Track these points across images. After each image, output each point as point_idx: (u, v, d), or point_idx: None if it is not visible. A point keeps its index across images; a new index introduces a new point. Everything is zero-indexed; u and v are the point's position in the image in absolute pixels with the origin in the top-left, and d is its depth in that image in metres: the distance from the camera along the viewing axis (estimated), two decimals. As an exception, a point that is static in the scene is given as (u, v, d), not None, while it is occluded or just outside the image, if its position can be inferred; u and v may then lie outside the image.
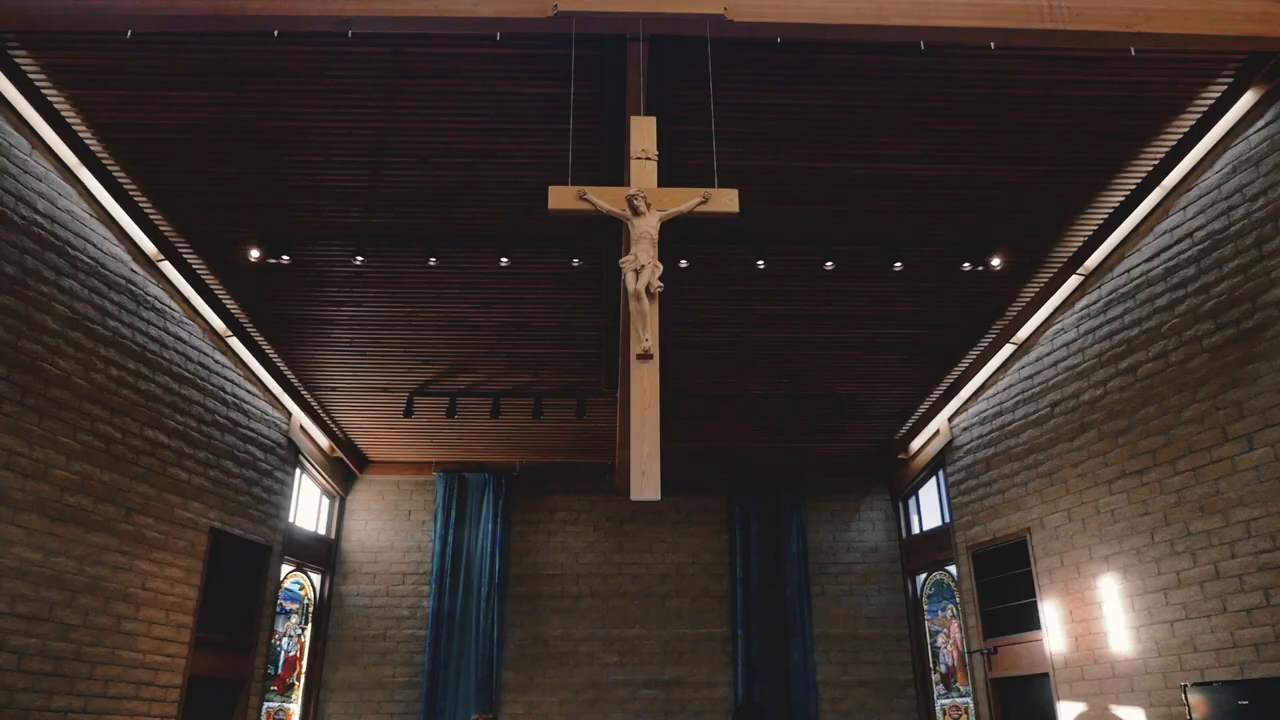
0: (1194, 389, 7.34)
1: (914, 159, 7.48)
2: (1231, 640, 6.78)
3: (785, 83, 6.90)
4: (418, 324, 8.96)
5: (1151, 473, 7.64)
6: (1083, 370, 8.49)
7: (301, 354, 9.35)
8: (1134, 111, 7.14)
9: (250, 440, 9.28)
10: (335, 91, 6.74)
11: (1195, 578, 7.14)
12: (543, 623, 10.49)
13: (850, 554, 11.04)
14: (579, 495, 11.08)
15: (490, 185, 7.57)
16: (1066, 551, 8.41)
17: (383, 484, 11.02)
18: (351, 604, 10.40)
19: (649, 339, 5.13)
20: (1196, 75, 6.94)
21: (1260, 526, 6.68)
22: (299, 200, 7.62)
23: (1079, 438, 8.44)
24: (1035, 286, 8.78)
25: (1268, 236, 6.85)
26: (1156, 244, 7.82)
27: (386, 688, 10.07)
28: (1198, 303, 7.39)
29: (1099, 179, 7.71)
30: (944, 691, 10.14)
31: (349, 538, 10.72)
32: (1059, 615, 8.42)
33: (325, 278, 8.37)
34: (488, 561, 10.46)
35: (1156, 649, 7.38)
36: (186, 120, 6.88)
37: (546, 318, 8.97)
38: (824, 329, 9.21)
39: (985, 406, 9.76)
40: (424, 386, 9.82)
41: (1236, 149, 7.18)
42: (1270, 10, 6.38)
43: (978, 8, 6.25)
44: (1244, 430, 6.88)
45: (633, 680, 10.31)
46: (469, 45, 6.44)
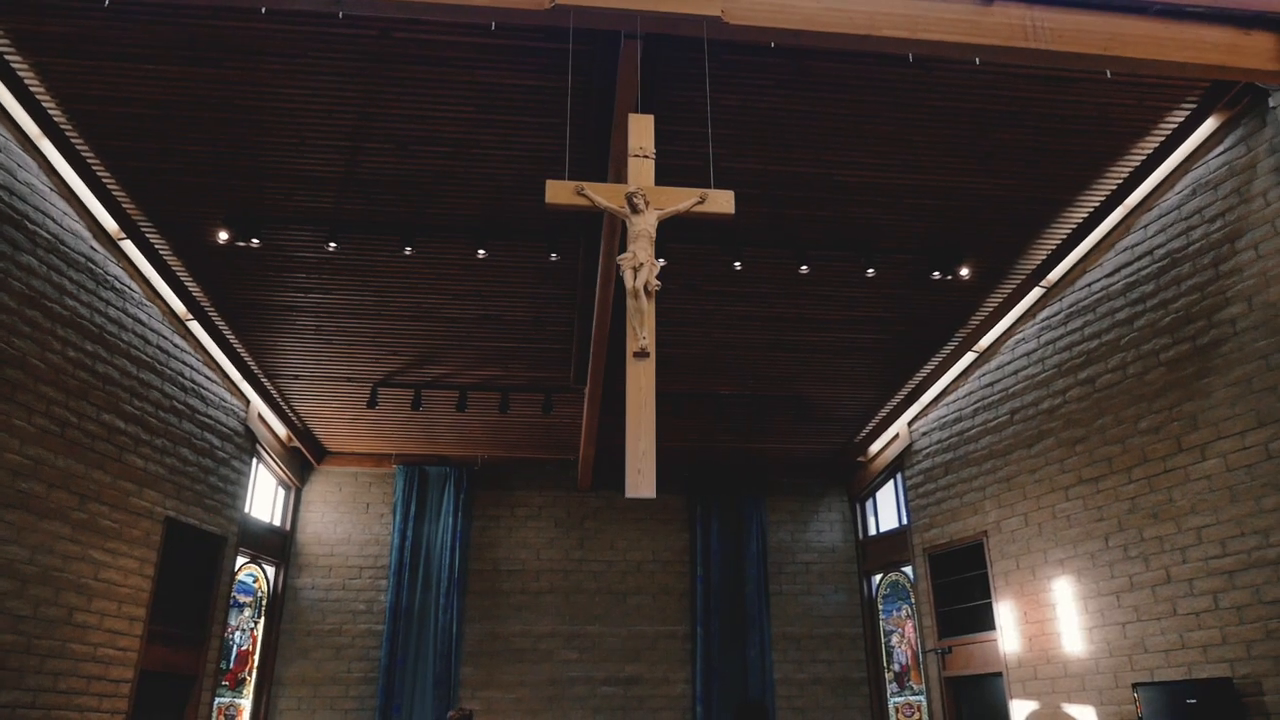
0: (1150, 400, 7.63)
1: (892, 168, 7.63)
2: (1181, 642, 7.07)
3: (771, 87, 6.97)
4: (387, 314, 8.82)
5: (1107, 480, 7.92)
6: (1042, 379, 8.76)
7: (263, 340, 9.12)
8: (1102, 132, 7.39)
9: (208, 428, 9.02)
10: (317, 73, 6.59)
11: (1147, 581, 7.43)
12: (502, 619, 10.41)
13: (808, 554, 11.20)
14: (541, 491, 11.03)
15: (471, 176, 7.49)
16: (1022, 555, 8.68)
17: (340, 475, 10.81)
18: (306, 598, 10.18)
19: (646, 337, 5.14)
20: (1163, 100, 7.21)
21: (1210, 534, 6.98)
22: (272, 183, 7.43)
23: (1037, 445, 8.70)
24: (999, 297, 9.02)
25: (1224, 257, 7.16)
26: (1117, 260, 8.11)
27: (341, 683, 9.88)
28: (1156, 318, 7.68)
29: (1065, 195, 7.96)
30: (897, 690, 10.37)
31: (304, 530, 10.50)
32: (1013, 616, 8.67)
33: (294, 263, 8.18)
34: (447, 556, 10.34)
35: (1108, 649, 7.66)
36: (159, 95, 6.66)
37: (519, 311, 8.91)
38: (793, 332, 9.32)
39: (945, 412, 10.00)
40: (389, 377, 9.66)
41: (1196, 172, 7.48)
42: (1237, 41, 6.65)
43: (965, 24, 6.38)
44: (1197, 441, 7.18)
45: (592, 677, 10.31)
46: (459, 33, 6.36)
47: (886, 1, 6.34)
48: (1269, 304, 6.77)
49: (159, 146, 7.07)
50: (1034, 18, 6.45)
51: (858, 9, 6.28)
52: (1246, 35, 6.67)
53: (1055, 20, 6.47)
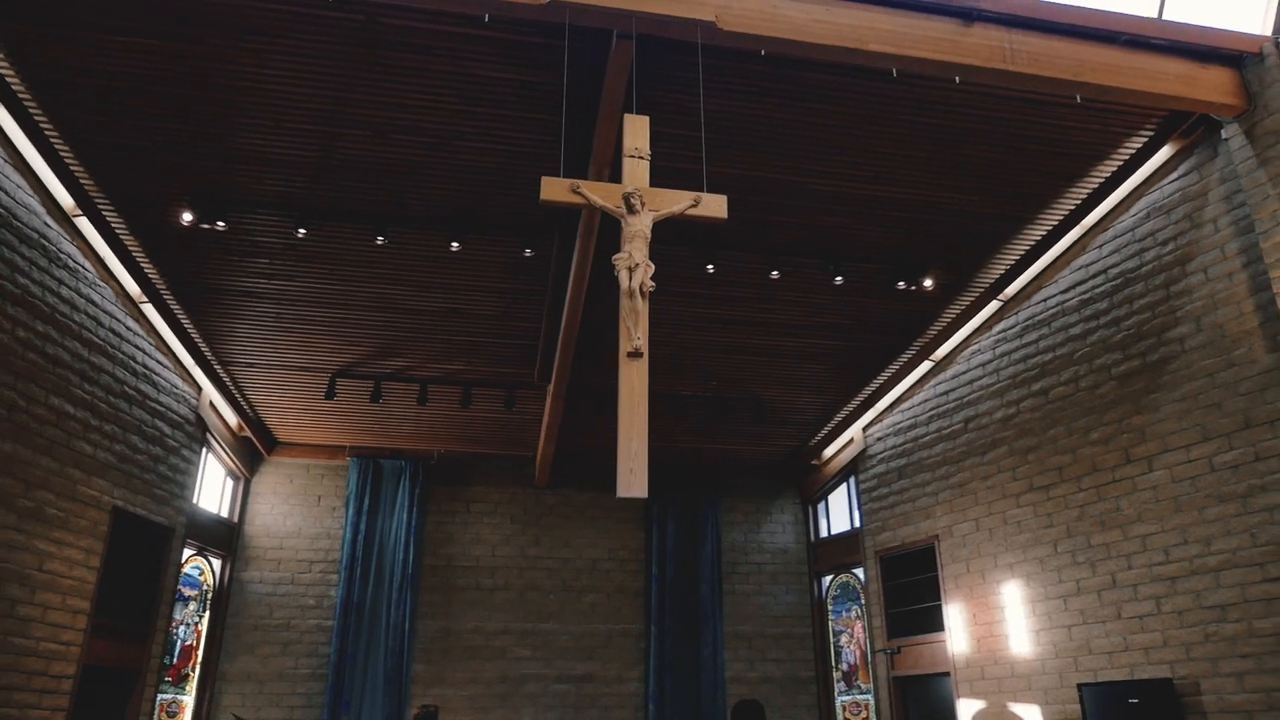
0: (1100, 413, 7.96)
1: (866, 179, 7.80)
2: (1124, 644, 7.40)
3: (753, 94, 7.06)
4: (351, 303, 8.65)
5: (1057, 488, 8.23)
6: (997, 389, 9.05)
7: (219, 326, 8.85)
8: (1064, 154, 7.68)
9: (158, 415, 8.72)
10: (299, 55, 6.43)
11: (1093, 586, 7.75)
12: (456, 615, 10.31)
13: (761, 554, 11.36)
14: (498, 487, 10.95)
15: (450, 167, 7.41)
16: (973, 559, 8.96)
17: (291, 467, 10.55)
18: (253, 591, 9.92)
19: (640, 338, 5.18)
20: (1123, 126, 7.53)
21: (1154, 541, 7.32)
22: (243, 165, 7.22)
23: (990, 453, 8.99)
24: (957, 308, 9.28)
25: (1175, 279, 7.51)
26: (1073, 277, 8.43)
27: (288, 679, 9.65)
28: (1108, 334, 8.01)
29: (1026, 213, 8.25)
30: (845, 689, 10.59)
31: (253, 522, 10.22)
32: (963, 618, 8.95)
33: (259, 248, 7.97)
34: (401, 551, 10.19)
35: (1054, 651, 7.97)
36: (130, 68, 6.42)
37: (486, 306, 8.83)
38: (758, 335, 9.45)
39: (901, 418, 10.25)
40: (349, 368, 9.48)
41: (1151, 196, 7.83)
42: (1195, 74, 6.99)
43: (947, 43, 6.57)
44: (1145, 453, 7.52)
45: (545, 675, 10.28)
46: (448, 23, 6.29)
47: (872, 17, 6.50)
48: (1216, 325, 7.13)
49: (124, 122, 6.81)
50: (1011, 41, 6.69)
51: (845, 22, 6.43)
52: (1204, 69, 7.02)
53: (1031, 44, 6.72)
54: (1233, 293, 7.04)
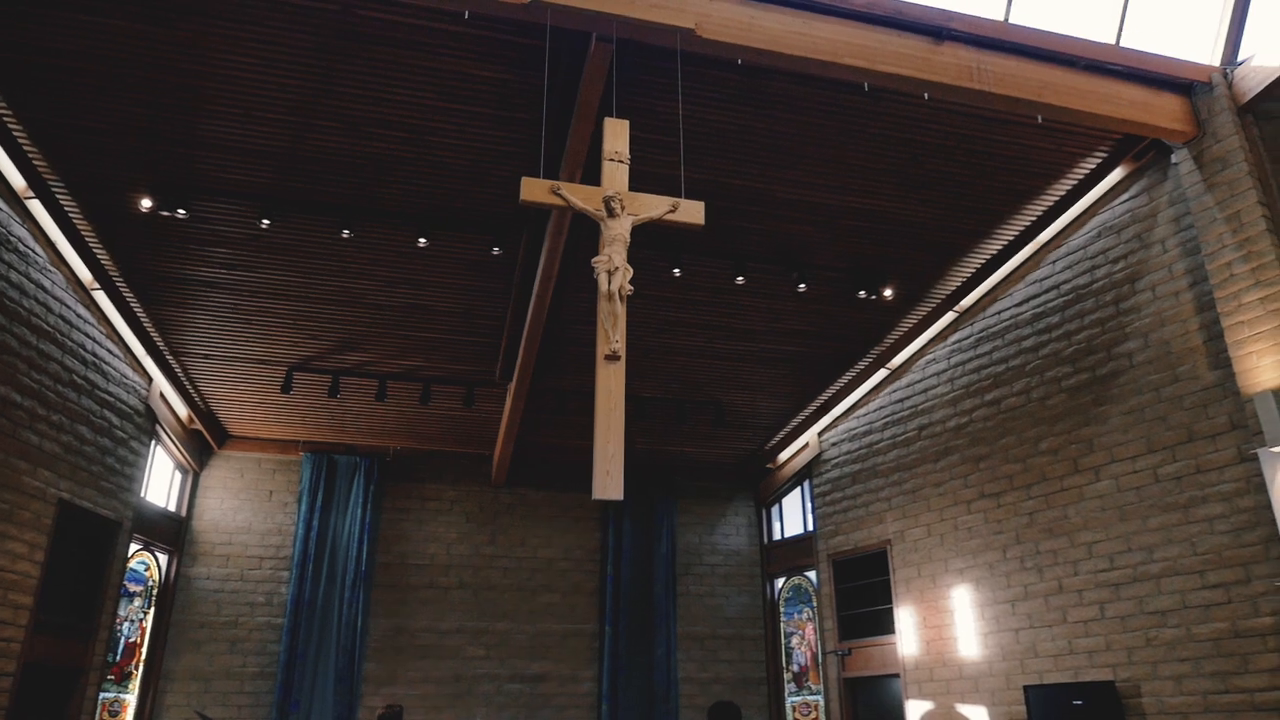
0: (1051, 424, 8.22)
1: (832, 189, 7.94)
2: (1069, 647, 7.66)
3: (726, 101, 7.15)
4: (313, 297, 8.52)
5: (1007, 496, 8.48)
6: (951, 399, 9.29)
7: (173, 316, 8.64)
8: (1023, 171, 7.92)
9: (107, 405, 8.47)
10: (272, 44, 6.33)
11: (1040, 591, 8.00)
12: (409, 614, 10.20)
13: (714, 556, 11.47)
14: (454, 485, 10.87)
15: (421, 163, 7.35)
16: (924, 563, 9.17)
17: (242, 461, 10.33)
18: (200, 588, 9.69)
19: (618, 340, 5.21)
20: (1079, 147, 7.79)
21: (1100, 549, 7.59)
22: (208, 153, 7.07)
23: (943, 460, 9.22)
24: (914, 318, 9.50)
25: (1125, 296, 7.80)
26: (1027, 291, 8.70)
27: (236, 678, 9.45)
28: (1059, 348, 8.29)
29: (984, 227, 8.48)
30: (795, 690, 10.75)
31: (201, 517, 9.98)
32: (913, 621, 9.16)
33: (220, 238, 7.81)
34: (354, 548, 10.05)
35: (1001, 653, 8.21)
36: (94, 49, 6.25)
37: (450, 303, 8.77)
38: (720, 339, 9.55)
39: (856, 424, 10.44)
40: (306, 362, 9.33)
41: (1103, 216, 8.12)
42: (1149, 101, 7.28)
43: (918, 60, 6.74)
44: (1092, 464, 7.79)
45: (498, 674, 10.24)
46: (427, 18, 6.24)
47: (847, 31, 6.63)
48: (1163, 341, 7.42)
49: (83, 103, 6.62)
50: (979, 60, 6.88)
51: (821, 36, 6.55)
52: (1157, 95, 7.32)
53: (997, 64, 6.92)
54: (1179, 311, 7.34)
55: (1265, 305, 6.47)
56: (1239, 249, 6.72)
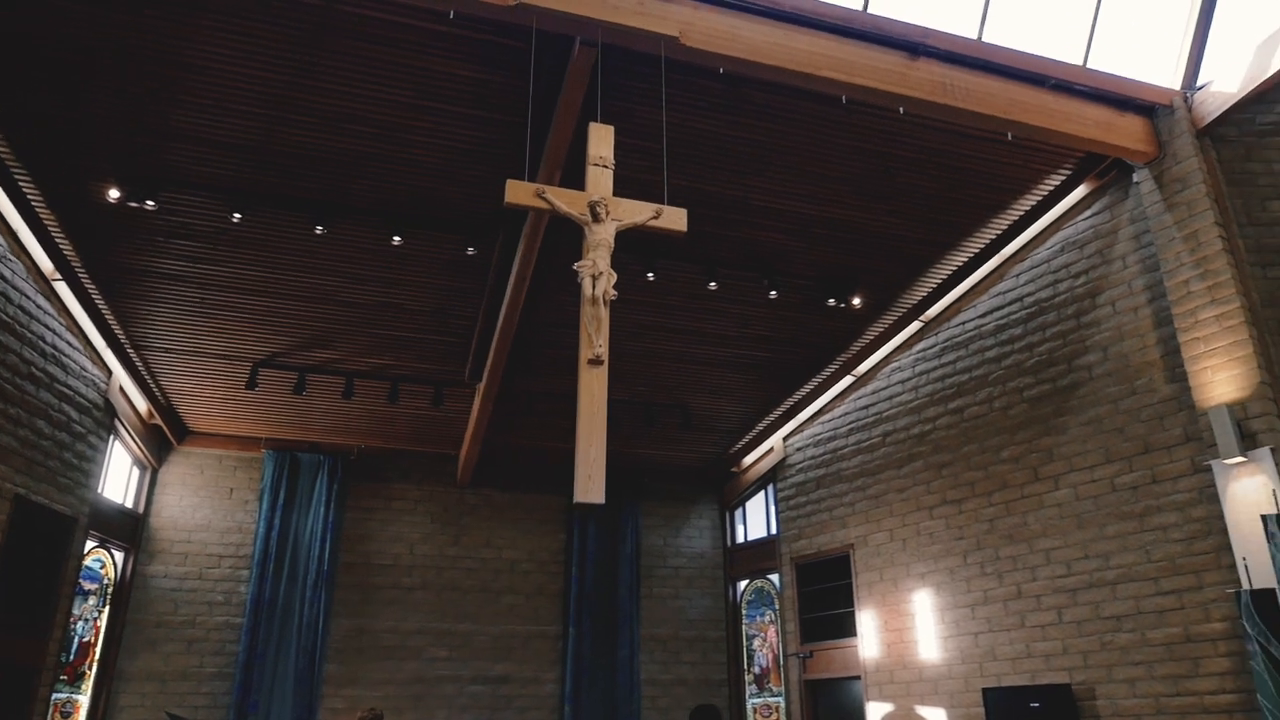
0: (1012, 433, 8.43)
1: (804, 197, 8.06)
2: (1027, 651, 7.85)
3: (705, 109, 7.22)
4: (281, 292, 8.41)
5: (969, 502, 8.66)
6: (915, 406, 9.46)
7: (136, 308, 8.45)
8: (990, 186, 8.11)
9: (66, 399, 8.27)
10: (249, 35, 6.26)
11: (1000, 596, 8.20)
12: (372, 614, 10.10)
13: (678, 558, 11.54)
14: (419, 485, 10.78)
15: (397, 161, 7.31)
16: (886, 567, 9.33)
17: (203, 457, 10.14)
18: (157, 586, 9.48)
19: (601, 345, 5.24)
20: (1044, 163, 8.01)
21: (1058, 555, 7.80)
22: (180, 144, 6.95)
23: (906, 466, 9.39)
24: (880, 326, 9.66)
25: (1085, 310, 8.03)
26: (991, 303, 8.90)
27: (192, 679, 9.27)
28: (1022, 359, 8.50)
29: (951, 239, 8.66)
30: (756, 691, 10.86)
31: (159, 514, 9.77)
32: (874, 624, 9.32)
33: (188, 230, 7.67)
34: (317, 548, 9.92)
35: (961, 657, 8.39)
36: (64, 35, 6.11)
37: (421, 302, 8.71)
38: (691, 344, 9.61)
39: (821, 430, 10.58)
40: (272, 358, 9.19)
41: (1066, 231, 8.34)
42: (1113, 121, 7.51)
43: (894, 75, 6.88)
44: (1052, 473, 8.01)
45: (460, 676, 10.18)
46: (409, 15, 6.22)
47: (826, 44, 6.75)
48: (1121, 355, 7.66)
49: (49, 90, 6.47)
50: (951, 77, 7.04)
51: (801, 48, 6.65)
52: (1121, 116, 7.55)
53: (969, 81, 7.09)
54: (1137, 326, 7.57)
55: (1220, 323, 6.72)
56: (1196, 267, 6.97)
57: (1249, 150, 7.45)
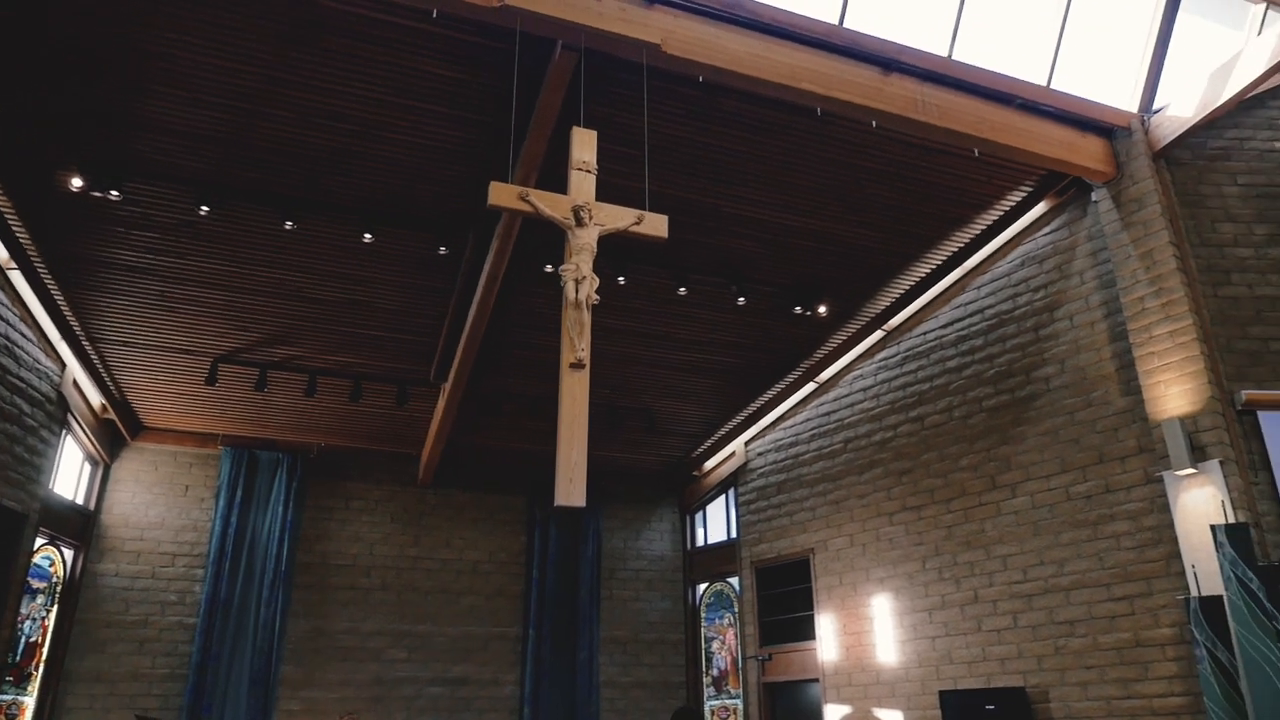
0: (971, 441, 8.64)
1: (775, 206, 8.17)
2: (983, 655, 8.05)
3: (681, 116, 7.29)
4: (246, 287, 8.27)
5: (928, 509, 8.85)
6: (876, 414, 9.64)
7: (94, 300, 8.24)
8: (955, 200, 8.32)
9: (18, 391, 8.02)
10: (225, 27, 6.17)
11: (957, 601, 8.39)
12: (329, 615, 9.96)
13: (639, 561, 11.58)
14: (378, 485, 10.66)
15: (372, 158, 7.26)
16: (846, 572, 9.49)
17: (157, 454, 9.90)
18: (108, 585, 9.24)
19: (584, 349, 5.27)
20: (1007, 180, 8.23)
21: (1014, 561, 8.02)
22: (149, 134, 6.82)
23: (867, 473, 9.56)
24: (844, 334, 9.83)
25: (1044, 323, 8.26)
26: (952, 314, 9.11)
27: (143, 680, 9.05)
28: (981, 369, 8.71)
29: (915, 251, 8.86)
30: (714, 693, 10.95)
31: (111, 511, 9.51)
32: (833, 627, 9.46)
33: (151, 222, 7.51)
34: (274, 547, 9.76)
35: (918, 660, 8.57)
36: (31, 19, 5.94)
37: (390, 300, 8.64)
38: (658, 348, 9.67)
39: (782, 435, 10.72)
40: (234, 354, 9.03)
41: (1026, 246, 8.58)
42: (1075, 141, 7.75)
43: (869, 89, 7.02)
44: (1009, 481, 8.22)
45: (419, 677, 10.09)
46: (392, 13, 6.18)
47: (804, 57, 6.86)
48: (1078, 368, 7.90)
49: (14, 75, 6.29)
50: (923, 93, 7.21)
51: (780, 60, 6.76)
52: (1082, 137, 7.80)
53: (940, 98, 7.26)
54: (1094, 340, 7.82)
55: (1174, 339, 6.98)
56: (1151, 285, 7.22)
57: (1201, 173, 7.75)
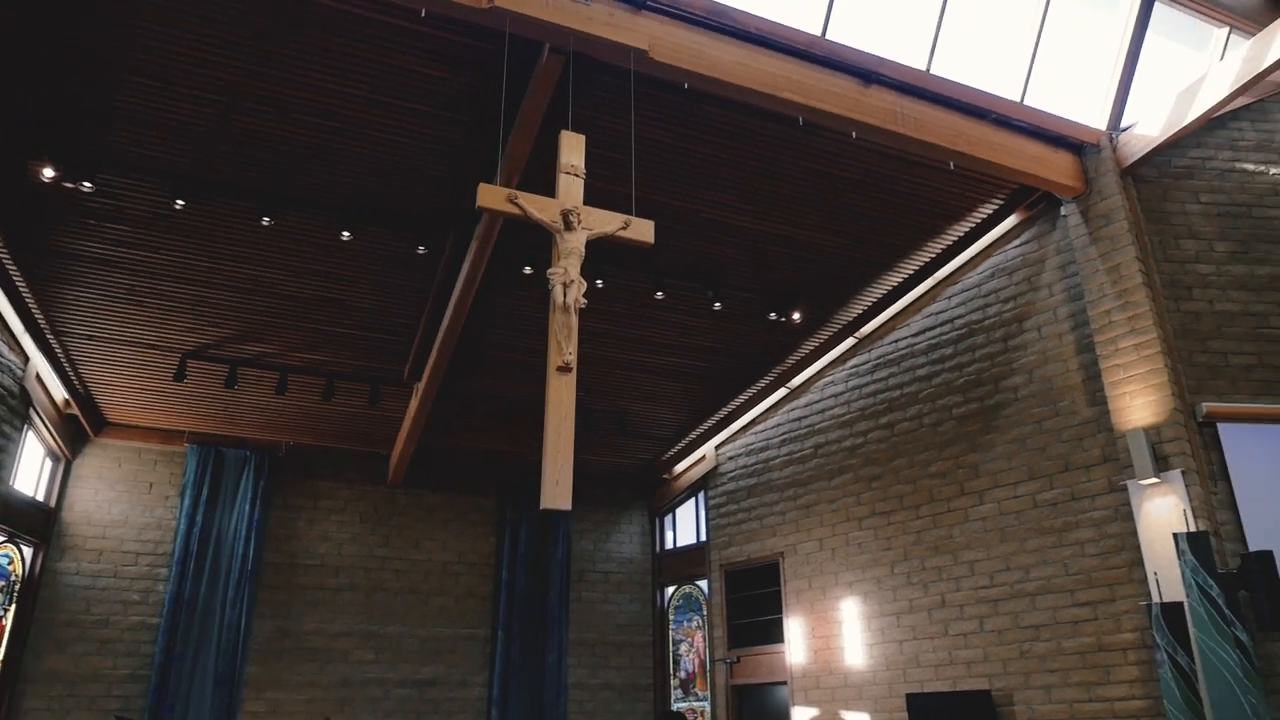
0: (940, 449, 8.79)
1: (753, 213, 8.26)
2: (949, 658, 8.20)
3: (663, 122, 7.34)
4: (218, 283, 8.15)
5: (897, 514, 9.00)
6: (847, 420, 9.77)
7: (61, 293, 8.06)
8: (929, 211, 8.47)
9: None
10: (207, 20, 6.09)
11: (925, 605, 8.54)
12: (296, 615, 9.84)
13: (608, 563, 11.61)
14: (348, 484, 10.56)
15: (352, 155, 7.21)
16: (815, 576, 9.61)
17: (121, 450, 9.71)
18: (69, 584, 9.04)
19: (571, 352, 5.30)
20: (980, 193, 8.40)
21: (981, 567, 8.18)
22: (126, 126, 6.69)
23: (837, 478, 9.69)
24: (816, 341, 9.95)
25: (1013, 334, 8.45)
26: (923, 323, 9.27)
27: (104, 681, 8.86)
28: (951, 378, 8.88)
29: (889, 260, 9.00)
30: (682, 696, 11.01)
31: (73, 508, 9.31)
32: (802, 631, 9.57)
33: (124, 215, 7.38)
34: (241, 546, 9.61)
35: (885, 663, 8.70)
36: (6, 5, 5.82)
37: (366, 299, 8.57)
38: (633, 351, 9.71)
39: (753, 440, 10.81)
40: (203, 350, 8.89)
41: (997, 258, 8.76)
42: (1046, 156, 7.93)
43: (849, 100, 7.13)
44: (977, 488, 8.39)
45: (387, 679, 10.01)
46: (379, 10, 6.15)
47: (787, 67, 6.95)
48: (1045, 378, 8.08)
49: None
50: (902, 105, 7.33)
51: (763, 69, 6.83)
52: (1054, 152, 7.98)
53: (918, 111, 7.39)
54: (1061, 351, 8.01)
55: (1139, 351, 7.17)
56: (1118, 299, 7.42)
57: (1165, 191, 7.98)
